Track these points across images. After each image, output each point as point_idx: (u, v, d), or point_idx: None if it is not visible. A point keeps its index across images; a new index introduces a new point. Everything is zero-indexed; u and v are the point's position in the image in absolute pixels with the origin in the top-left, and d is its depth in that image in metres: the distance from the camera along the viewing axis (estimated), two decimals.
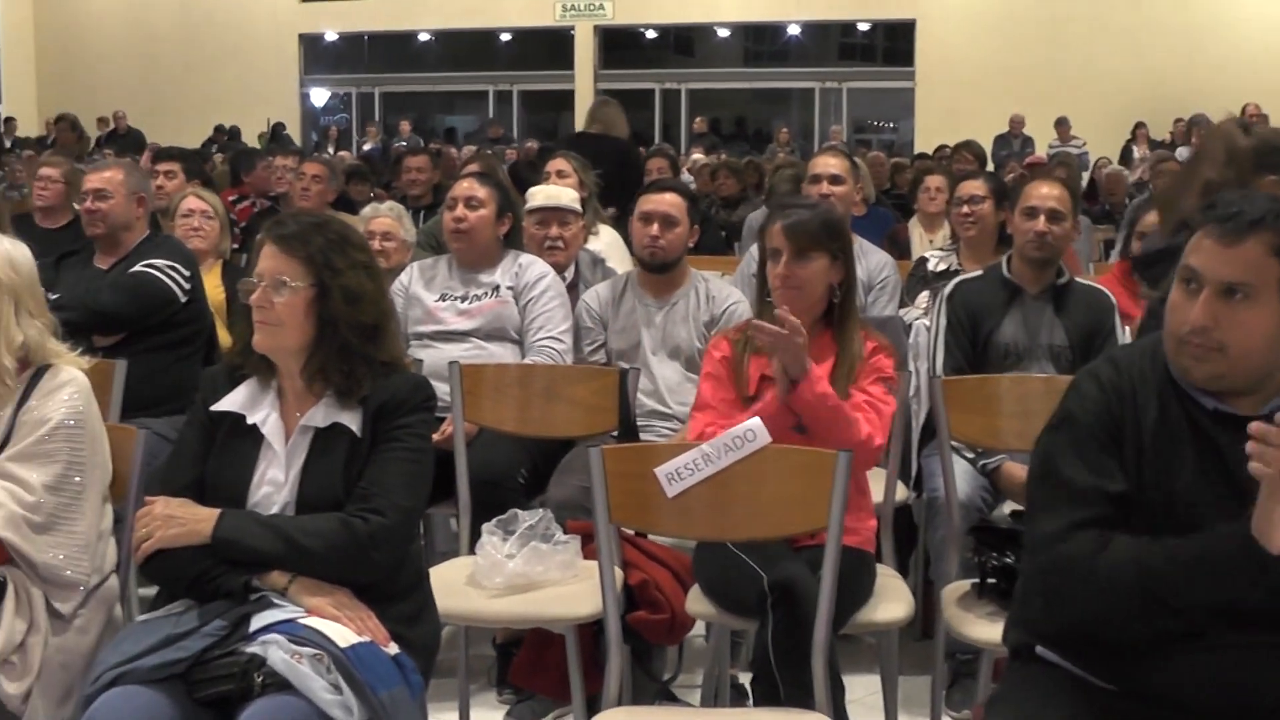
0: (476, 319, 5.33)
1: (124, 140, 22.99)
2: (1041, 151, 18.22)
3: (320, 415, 3.22)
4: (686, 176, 12.89)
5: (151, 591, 3.99)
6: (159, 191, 7.58)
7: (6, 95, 29.26)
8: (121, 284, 5.27)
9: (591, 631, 4.10)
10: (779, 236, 3.92)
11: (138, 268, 5.34)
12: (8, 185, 13.08)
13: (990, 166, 14.86)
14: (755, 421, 3.48)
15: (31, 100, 29.37)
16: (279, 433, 3.23)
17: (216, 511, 3.10)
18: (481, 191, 5.45)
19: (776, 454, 3.47)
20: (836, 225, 3.98)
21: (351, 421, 3.20)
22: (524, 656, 4.51)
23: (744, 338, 3.96)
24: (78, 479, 3.25)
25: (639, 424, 4.79)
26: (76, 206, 5.59)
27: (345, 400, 3.21)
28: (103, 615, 3.30)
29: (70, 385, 3.31)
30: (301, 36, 28.47)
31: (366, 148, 22.01)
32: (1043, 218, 4.93)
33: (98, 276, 5.35)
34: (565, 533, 4.07)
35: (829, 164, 6.35)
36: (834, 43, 27.79)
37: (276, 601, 3.04)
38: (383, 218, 6.26)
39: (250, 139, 23.48)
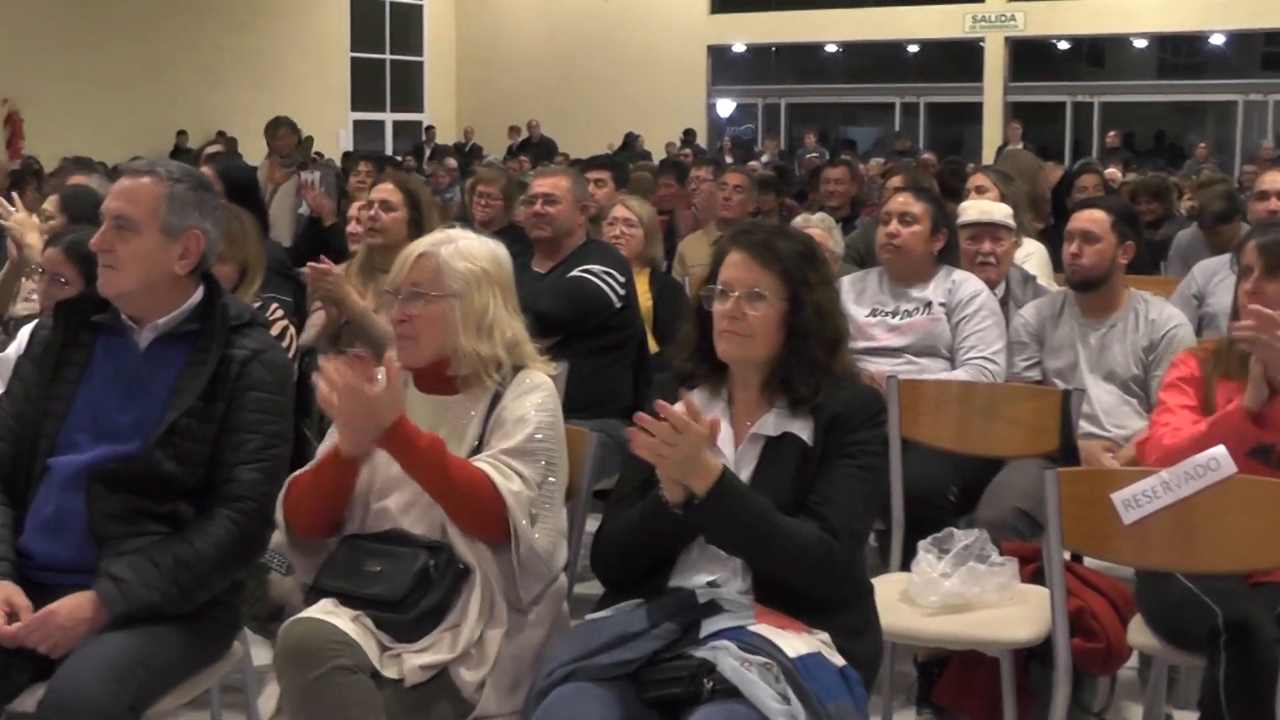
0: (907, 335, 5.28)
1: (537, 148, 23.72)
2: None
3: (771, 424, 3.23)
4: None
5: (592, 591, 4.09)
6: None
7: (429, 105, 30.63)
8: (560, 288, 5.40)
9: (1023, 656, 4.01)
10: (1253, 254, 3.78)
11: (576, 273, 5.47)
12: (432, 190, 13.63)
13: None
14: (1219, 450, 3.33)
15: (451, 109, 30.65)
16: (729, 440, 3.25)
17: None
18: (916, 207, 5.40)
19: (1242, 485, 3.32)
20: None
21: (803, 431, 3.20)
22: (951, 677, 4.44)
23: (1212, 357, 3.81)
24: (553, 479, 3.33)
25: None
26: (522, 209, 5.75)
27: (797, 409, 3.21)
28: (553, 611, 3.36)
29: (543, 389, 3.39)
30: (710, 48, 28.88)
31: (764, 160, 22.14)
32: None
33: (535, 280, 5.50)
34: (1000, 554, 3.98)
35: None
36: (1257, 52, 26.60)
37: (728, 607, 3.05)
38: (813, 228, 6.25)
39: (658, 149, 23.91)
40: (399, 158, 19.64)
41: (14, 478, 3.47)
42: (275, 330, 4.68)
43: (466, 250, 3.41)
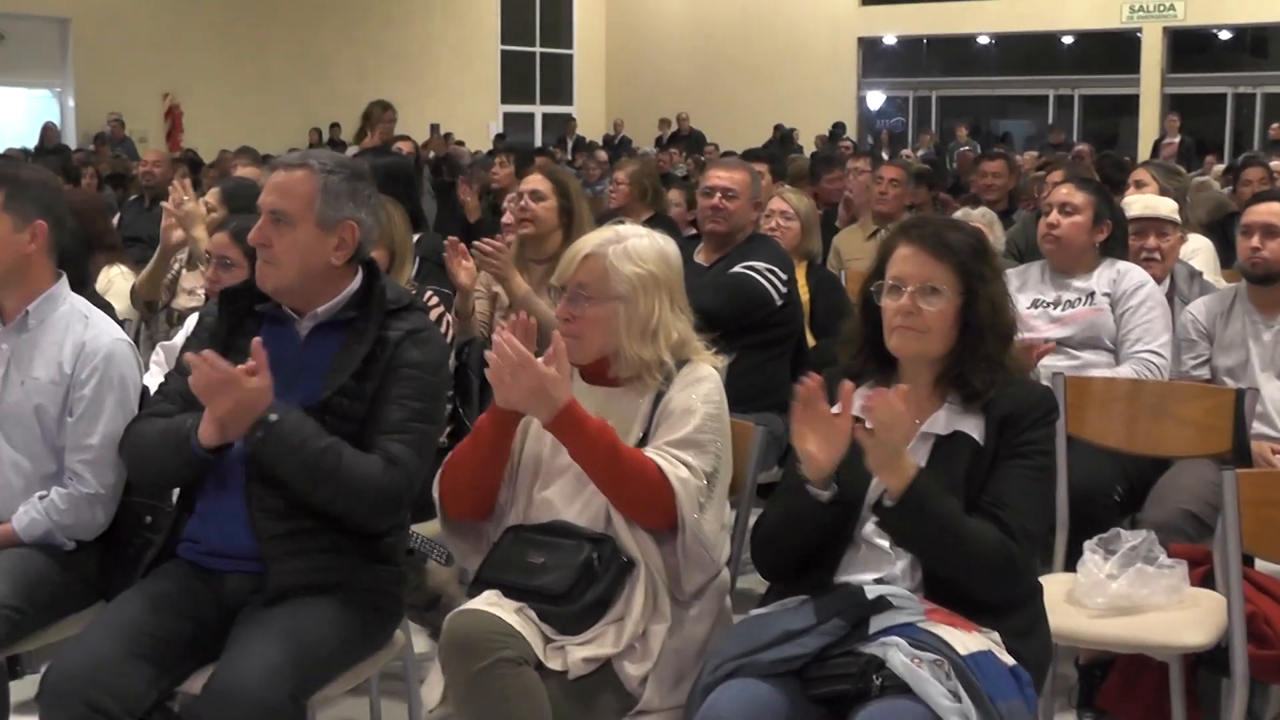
0: (1069, 327, 5.20)
1: (687, 141, 23.74)
2: None
3: (942, 422, 3.19)
4: None
5: (753, 587, 4.08)
6: None
7: (578, 97, 30.79)
8: (723, 284, 5.37)
9: (1190, 661, 3.92)
10: None
11: (738, 269, 5.44)
12: (582, 183, 13.68)
13: None
14: None
15: (600, 102, 30.78)
16: None
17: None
18: (1078, 197, 5.31)
19: None
20: None
21: (974, 430, 3.16)
22: (1115, 681, 4.36)
23: None
24: (719, 471, 3.31)
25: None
26: (701, 202, 5.73)
27: (969, 407, 3.17)
28: (716, 606, 3.34)
29: (709, 381, 3.37)
30: (860, 40, 28.70)
31: (920, 153, 21.94)
32: None
33: (697, 273, 5.47)
34: (1168, 556, 3.90)
35: None
36: None
37: (897, 604, 3.02)
38: (974, 223, 6.17)
39: (808, 142, 23.81)
40: (549, 149, 19.74)
41: None
42: (431, 317, 4.71)
43: (635, 251, 3.38)
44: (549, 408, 3.18)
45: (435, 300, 4.96)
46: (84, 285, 4.48)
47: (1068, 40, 27.90)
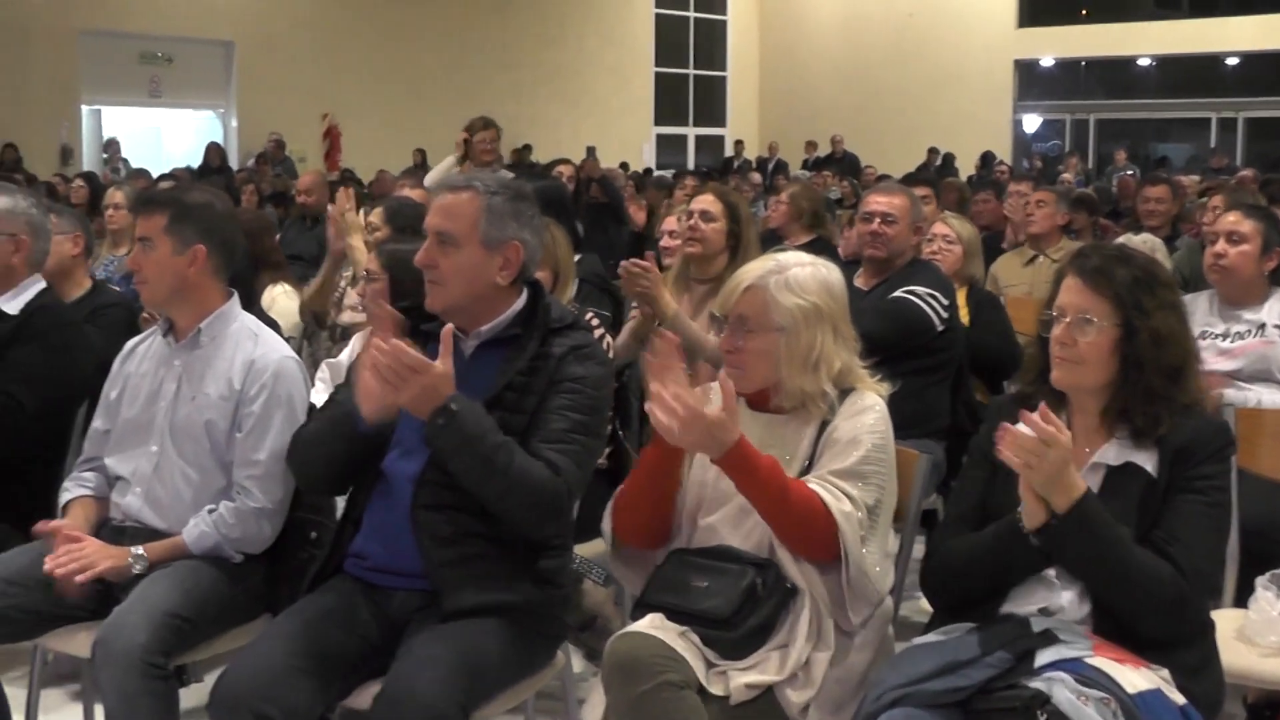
0: (1239, 359, 5.08)
1: (840, 163, 23.63)
2: None
3: (1113, 453, 3.14)
4: None
5: (915, 615, 4.04)
6: None
7: (731, 119, 30.82)
8: (884, 310, 5.32)
9: None
10: None
11: (899, 293, 5.39)
12: None
13: None
14: None
15: (754, 123, 30.78)
16: None
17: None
18: (1245, 225, 5.19)
19: None
20: None
21: (1147, 462, 3.10)
22: None
23: None
24: (883, 501, 3.28)
25: None
26: (860, 227, 5.69)
27: (1141, 439, 3.11)
28: (879, 634, 3.31)
29: (875, 410, 3.35)
30: (1017, 63, 28.40)
31: (1069, 178, 21.57)
32: None
33: (857, 297, 5.41)
34: None
35: None
36: None
37: (1063, 637, 2.97)
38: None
39: (964, 165, 23.61)
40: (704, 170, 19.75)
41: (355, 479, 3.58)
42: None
43: (796, 282, 3.38)
44: (718, 448, 3.16)
45: (596, 321, 4.98)
46: (250, 303, 4.56)
47: (1232, 62, 27.37)
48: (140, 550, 3.77)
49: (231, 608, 3.79)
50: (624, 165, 22.55)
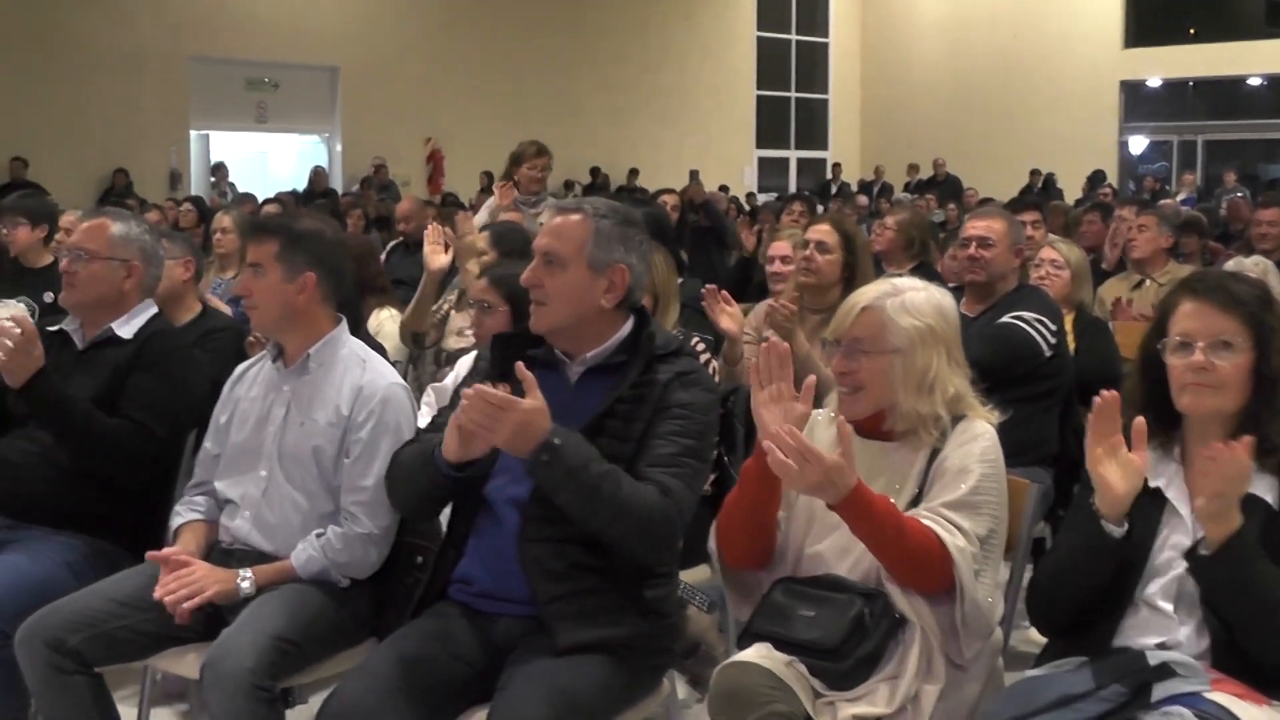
0: None
1: (943, 186, 23.49)
2: None
3: None
4: None
5: (1025, 646, 3.98)
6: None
7: (833, 142, 30.75)
8: (990, 335, 5.27)
9: None
10: None
11: (1006, 319, 5.34)
12: None
13: None
14: None
15: (855, 146, 30.70)
16: (1184, 499, 3.10)
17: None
18: None
19: None
20: None
21: (1268, 492, 3.03)
22: None
23: None
24: (996, 532, 3.24)
25: None
26: (959, 252, 5.66)
27: (1263, 464, 3.02)
28: (989, 666, 3.27)
29: (985, 438, 3.31)
30: (1123, 83, 28.09)
31: (1180, 198, 21.30)
32: None
33: (963, 324, 5.35)
34: None
35: None
36: None
37: (1181, 672, 2.91)
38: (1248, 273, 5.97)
39: (1068, 188, 23.38)
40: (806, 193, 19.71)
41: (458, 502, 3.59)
42: None
43: (912, 305, 3.37)
44: (836, 494, 3.13)
45: (701, 346, 4.97)
46: (357, 328, 4.60)
47: None
48: (248, 574, 3.81)
49: (338, 631, 3.81)
50: (723, 188, 22.58)
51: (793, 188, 28.14)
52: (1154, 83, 28.51)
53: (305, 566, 3.81)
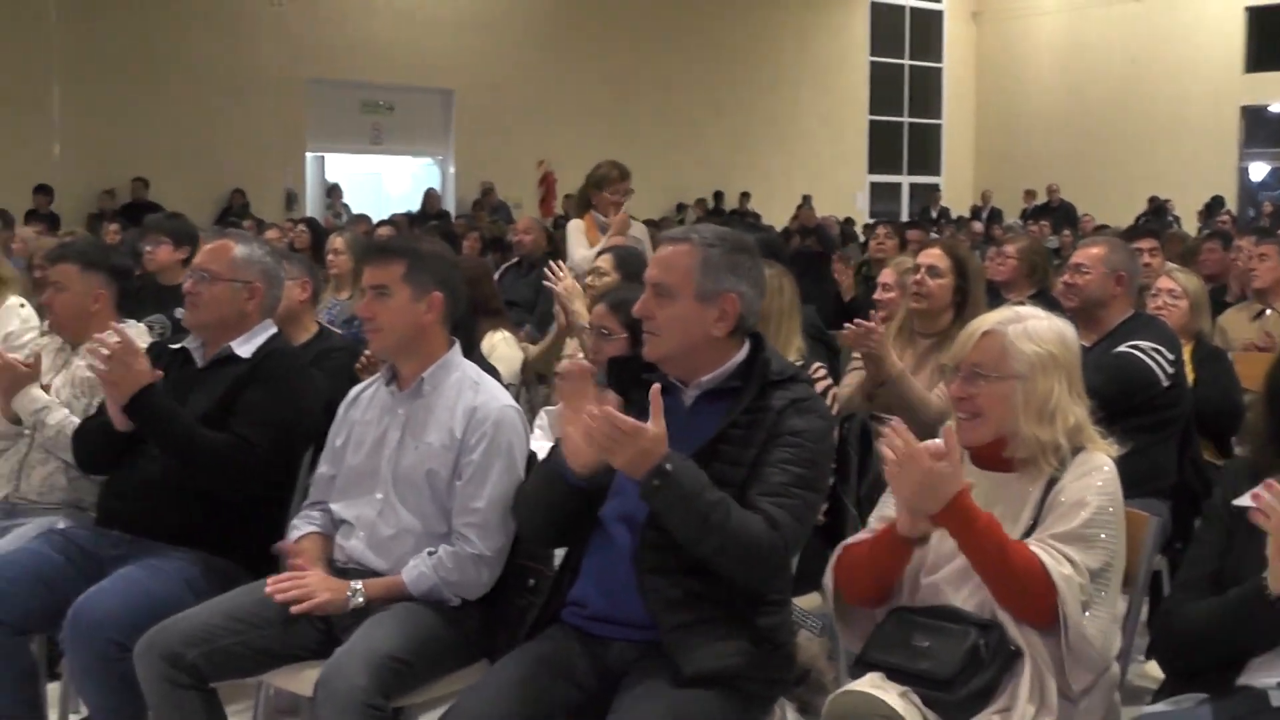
0: None
1: (1056, 213, 23.24)
2: None
3: None
4: None
5: (1143, 681, 3.93)
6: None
7: (946, 168, 30.57)
8: (1105, 365, 5.20)
9: None
10: None
11: (1122, 348, 5.28)
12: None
13: None
14: None
15: (969, 172, 30.50)
16: None
17: None
18: None
19: None
20: None
21: None
22: None
23: None
24: (1111, 564, 3.20)
25: None
26: (1061, 280, 5.61)
27: None
28: (1105, 701, 3.23)
29: (1104, 471, 3.28)
30: (1244, 109, 27.66)
31: None
32: None
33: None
34: None
35: None
36: None
37: None
38: None
39: (1186, 215, 23.08)
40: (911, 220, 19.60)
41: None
42: (818, 390, 4.70)
43: (1034, 331, 3.34)
44: (937, 501, 3.13)
45: (823, 373, 4.94)
46: (471, 350, 4.63)
47: None
48: (359, 585, 3.85)
49: (450, 652, 3.83)
50: (849, 220, 22.53)
51: (904, 213, 27.99)
52: (1275, 107, 28.05)
53: (416, 583, 3.85)
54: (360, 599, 3.84)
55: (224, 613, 3.85)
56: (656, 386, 3.35)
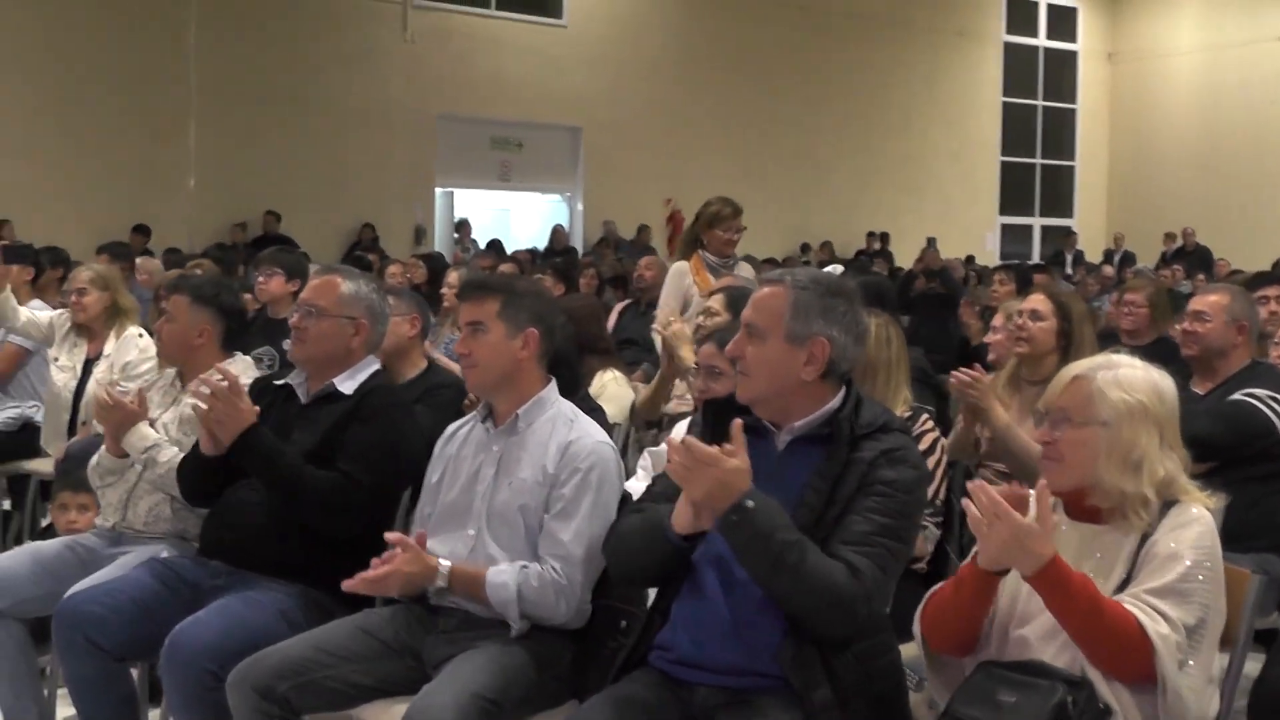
0: None
1: (1191, 257, 22.86)
2: None
3: None
4: None
5: None
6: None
7: (1079, 210, 30.20)
8: (1219, 412, 5.11)
9: None
10: None
11: (1237, 396, 5.18)
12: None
13: None
14: None
15: (1101, 214, 30.12)
16: None
17: None
18: None
19: None
20: None
21: None
22: None
23: None
24: (1206, 622, 3.11)
25: None
26: (1180, 327, 5.52)
27: None
28: None
29: (1199, 524, 3.18)
30: None
31: None
32: None
33: (1192, 400, 5.20)
34: None
35: None
36: None
37: None
38: None
39: None
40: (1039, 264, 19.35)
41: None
42: (925, 443, 4.62)
43: (1126, 380, 3.26)
44: (1029, 561, 3.07)
45: (930, 424, 4.84)
46: (575, 389, 4.63)
47: None
48: (448, 565, 3.89)
49: (539, 691, 3.82)
50: (970, 259, 22.30)
51: (1035, 255, 27.68)
52: None
53: (496, 590, 3.86)
54: (443, 582, 3.88)
55: (317, 646, 3.88)
56: (738, 421, 3.32)
